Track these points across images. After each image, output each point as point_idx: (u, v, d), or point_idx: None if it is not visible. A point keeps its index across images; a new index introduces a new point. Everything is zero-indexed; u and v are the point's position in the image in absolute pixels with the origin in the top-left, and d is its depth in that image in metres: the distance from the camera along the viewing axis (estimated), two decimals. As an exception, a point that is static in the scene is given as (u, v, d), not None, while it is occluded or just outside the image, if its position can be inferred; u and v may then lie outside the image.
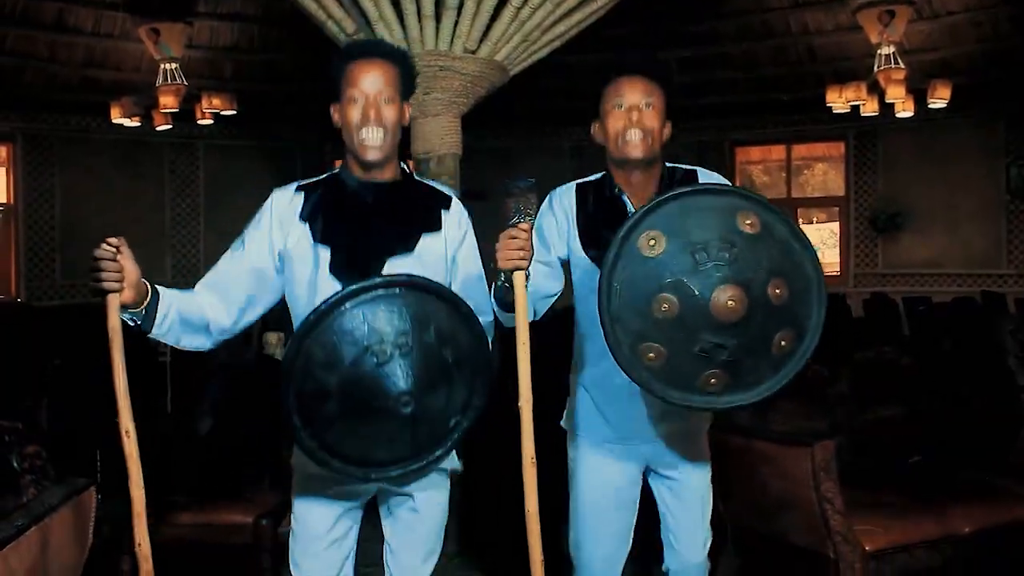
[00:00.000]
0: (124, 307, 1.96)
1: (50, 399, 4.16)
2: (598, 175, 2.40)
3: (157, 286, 2.05)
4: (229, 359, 4.04)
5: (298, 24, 4.63)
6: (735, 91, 10.43)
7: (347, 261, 2.10)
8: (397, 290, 1.96)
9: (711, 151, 11.11)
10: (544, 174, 2.48)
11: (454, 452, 2.21)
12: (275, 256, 2.16)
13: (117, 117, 8.61)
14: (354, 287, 1.95)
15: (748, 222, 1.97)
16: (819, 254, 2.07)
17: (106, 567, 3.21)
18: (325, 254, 2.12)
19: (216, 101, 8.44)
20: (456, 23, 3.78)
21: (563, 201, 2.38)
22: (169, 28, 8.39)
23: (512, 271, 2.03)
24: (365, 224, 2.14)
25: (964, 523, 3.05)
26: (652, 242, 1.96)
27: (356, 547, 2.28)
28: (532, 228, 2.05)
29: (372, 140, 2.11)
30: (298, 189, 2.20)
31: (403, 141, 4.22)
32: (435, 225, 2.18)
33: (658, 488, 2.48)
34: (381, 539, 2.32)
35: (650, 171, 2.32)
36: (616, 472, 2.40)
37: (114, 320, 1.92)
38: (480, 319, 2.11)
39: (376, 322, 1.93)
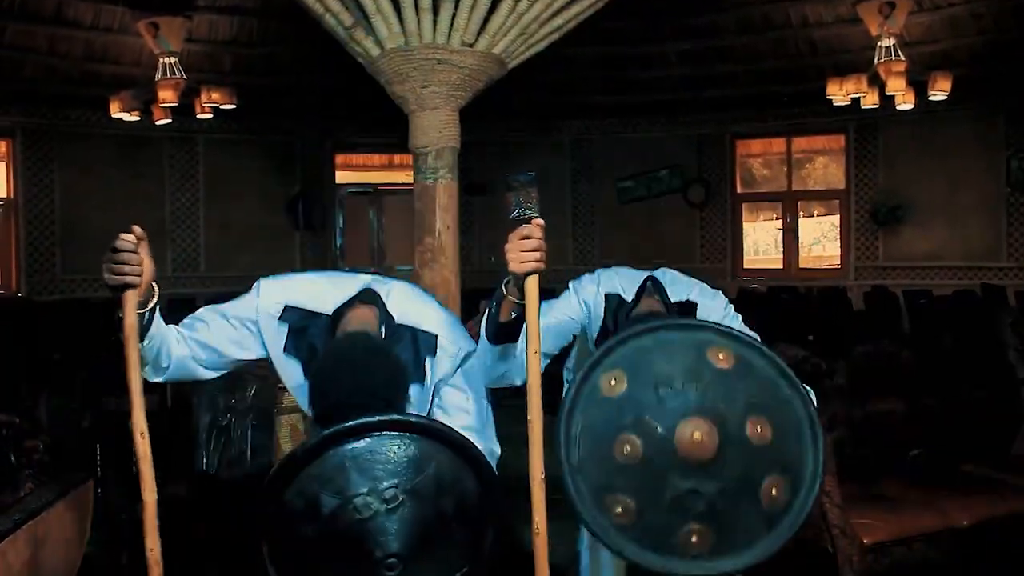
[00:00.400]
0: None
1: (50, 394, 4.16)
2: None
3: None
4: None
5: (297, 17, 4.62)
6: (735, 84, 10.41)
7: (331, 421, 1.92)
8: (388, 432, 1.72)
9: (711, 145, 11.11)
10: (544, 168, 2.45)
11: None
12: (263, 346, 2.12)
13: (116, 112, 8.59)
14: (339, 428, 1.72)
15: (720, 356, 1.79)
16: (820, 248, 1.90)
17: (105, 561, 3.22)
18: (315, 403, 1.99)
19: (215, 95, 8.42)
20: (454, 16, 3.77)
21: (595, 305, 2.35)
22: (168, 22, 8.37)
23: (525, 275, 1.87)
24: (345, 388, 1.90)
25: (963, 516, 3.05)
26: (613, 382, 1.77)
27: None
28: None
29: None
30: (283, 318, 2.11)
31: (402, 135, 4.23)
32: (422, 376, 2.08)
33: None
34: None
35: None
36: None
37: (131, 317, 1.80)
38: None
39: (361, 469, 1.68)
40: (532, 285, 1.88)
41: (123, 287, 1.79)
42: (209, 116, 8.73)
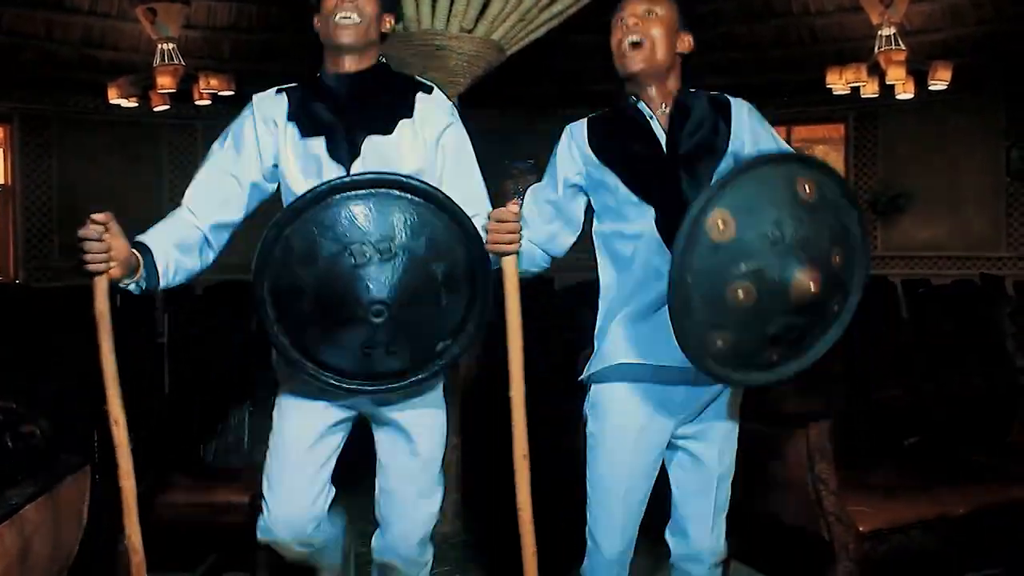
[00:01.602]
0: (118, 281, 1.91)
1: (47, 380, 4.16)
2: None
3: (143, 241, 1.99)
4: (227, 339, 4.04)
5: (296, 3, 4.59)
6: (736, 72, 10.36)
7: (329, 143, 2.08)
8: (390, 191, 1.83)
9: (711, 133, 11.06)
10: (544, 155, 2.43)
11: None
12: (264, 154, 2.14)
13: (114, 98, 8.57)
14: (344, 180, 1.86)
15: (807, 188, 1.87)
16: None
17: (104, 548, 3.22)
18: (317, 144, 2.09)
19: (214, 82, 8.40)
20: (452, 2, 3.75)
21: (576, 132, 2.26)
22: (166, 8, 8.34)
23: (500, 256, 1.93)
24: (342, 109, 2.11)
25: (959, 504, 3.04)
26: (722, 224, 1.81)
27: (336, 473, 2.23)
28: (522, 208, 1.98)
29: (346, 20, 2.07)
30: (279, 91, 2.19)
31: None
32: (410, 111, 2.14)
33: (675, 460, 2.28)
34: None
35: (664, 86, 2.21)
36: (646, 416, 2.17)
37: (101, 304, 1.85)
38: (476, 220, 2.02)
39: (360, 220, 1.81)
40: (509, 265, 1.93)
41: (92, 274, 1.86)
42: (208, 102, 8.70)
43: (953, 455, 3.54)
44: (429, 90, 2.20)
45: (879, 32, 7.97)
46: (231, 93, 8.51)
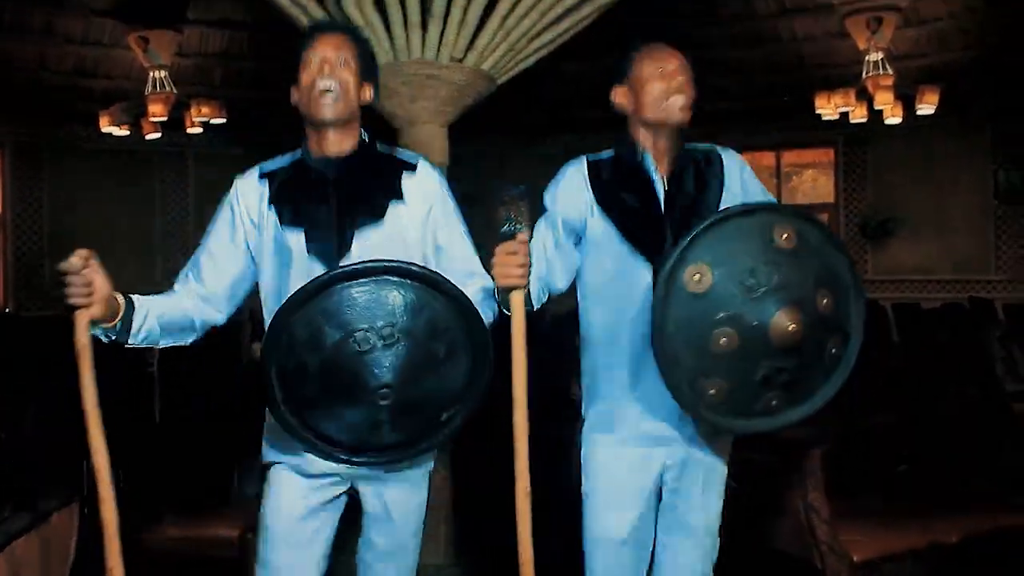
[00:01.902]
0: (96, 322, 1.91)
1: (36, 411, 4.13)
2: (610, 150, 2.29)
3: (132, 296, 2.00)
4: (217, 369, 4.02)
5: (287, 31, 4.62)
6: (725, 98, 10.44)
7: (317, 238, 2.06)
8: (390, 278, 1.88)
9: (701, 158, 11.09)
10: (537, 180, 2.43)
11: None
12: (247, 245, 2.14)
13: (106, 126, 8.59)
14: (346, 269, 1.89)
15: (784, 236, 1.92)
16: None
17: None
18: (295, 237, 2.07)
19: (205, 109, 8.42)
20: (442, 32, 3.78)
21: (576, 173, 2.26)
22: (158, 36, 8.38)
23: (509, 289, 1.91)
24: (328, 199, 2.08)
25: (951, 532, 3.04)
26: (698, 276, 1.89)
27: (331, 555, 2.20)
28: (530, 238, 1.94)
29: (327, 94, 2.03)
30: (261, 176, 2.16)
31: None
32: (399, 193, 2.11)
33: (660, 535, 2.27)
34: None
35: (673, 141, 2.27)
36: (633, 465, 2.18)
37: (82, 337, 1.86)
38: (471, 285, 2.05)
39: (363, 308, 1.86)
40: (517, 300, 1.91)
41: (73, 308, 1.87)
42: (199, 130, 8.72)
43: (944, 481, 3.53)
44: (413, 167, 2.16)
45: (866, 57, 8.05)
46: (223, 121, 8.54)
